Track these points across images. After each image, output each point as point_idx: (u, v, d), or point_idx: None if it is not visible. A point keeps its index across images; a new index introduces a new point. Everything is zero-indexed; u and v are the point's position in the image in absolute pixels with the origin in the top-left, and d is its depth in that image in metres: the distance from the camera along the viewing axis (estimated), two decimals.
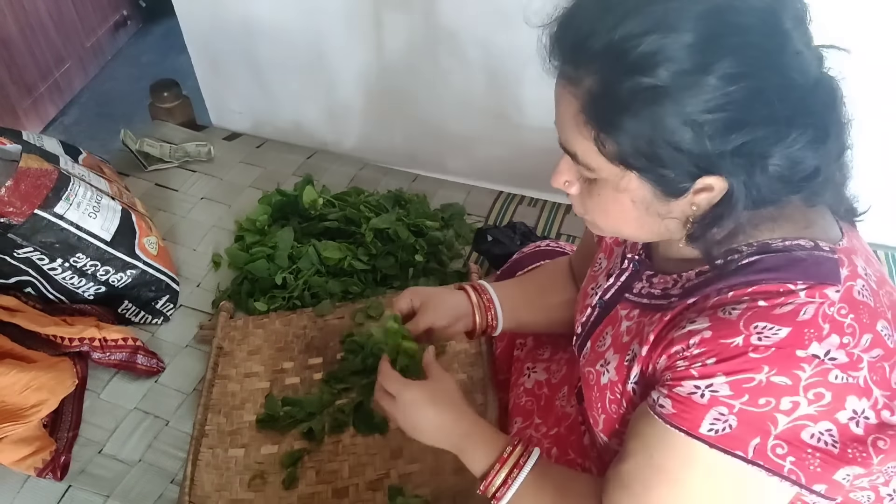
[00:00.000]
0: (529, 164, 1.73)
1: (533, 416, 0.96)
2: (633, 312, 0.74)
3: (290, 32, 1.66)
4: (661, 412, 0.63)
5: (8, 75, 2.31)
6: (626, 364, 0.71)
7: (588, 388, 0.77)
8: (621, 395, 0.71)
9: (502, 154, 1.73)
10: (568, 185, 0.69)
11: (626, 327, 0.74)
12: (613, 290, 0.78)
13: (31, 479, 1.09)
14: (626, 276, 0.77)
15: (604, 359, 0.75)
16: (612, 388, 0.72)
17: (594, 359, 0.76)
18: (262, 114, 1.87)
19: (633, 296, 0.75)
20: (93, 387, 1.23)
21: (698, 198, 0.61)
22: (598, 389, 0.74)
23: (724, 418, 0.59)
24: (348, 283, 1.34)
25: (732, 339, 0.59)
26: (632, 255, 0.77)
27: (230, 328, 1.31)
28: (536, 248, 1.18)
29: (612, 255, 0.83)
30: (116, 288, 1.31)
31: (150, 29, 3.02)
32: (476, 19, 1.50)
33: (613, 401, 0.73)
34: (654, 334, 0.67)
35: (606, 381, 0.73)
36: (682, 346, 0.62)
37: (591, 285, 0.84)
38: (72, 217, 1.22)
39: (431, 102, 1.71)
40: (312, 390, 1.18)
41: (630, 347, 0.71)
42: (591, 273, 0.86)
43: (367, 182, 1.66)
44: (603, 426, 0.75)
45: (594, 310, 0.80)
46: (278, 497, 1.04)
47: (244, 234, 1.48)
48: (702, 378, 0.60)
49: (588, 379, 0.77)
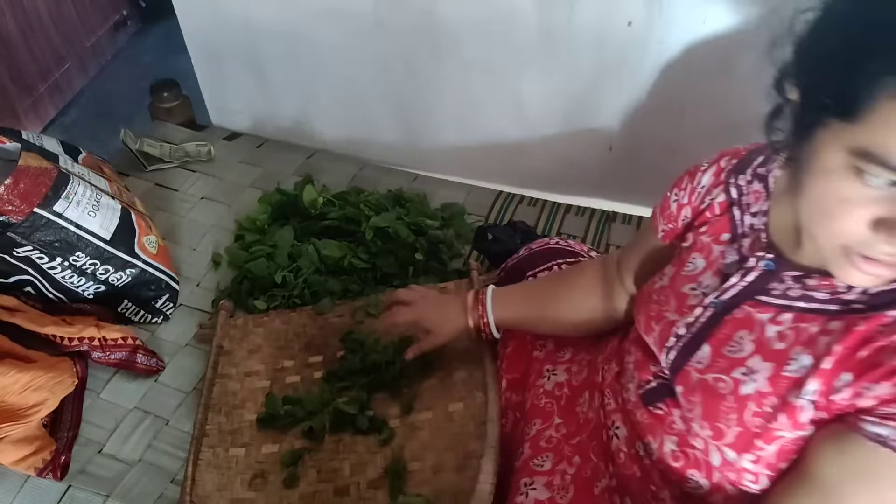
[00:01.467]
0: (529, 164, 1.74)
1: (552, 418, 0.95)
2: (782, 317, 0.67)
3: (291, 32, 1.66)
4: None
5: (8, 75, 2.31)
6: (787, 375, 0.64)
7: (715, 397, 0.69)
8: (774, 408, 0.64)
9: (502, 154, 1.73)
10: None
11: (775, 332, 0.67)
12: (737, 289, 0.71)
13: (31, 478, 1.09)
14: (754, 276, 0.70)
15: (745, 367, 0.68)
16: (758, 399, 0.66)
17: (726, 366, 0.69)
18: (262, 114, 1.86)
19: (777, 298, 0.68)
20: (93, 386, 1.23)
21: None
22: (736, 400, 0.67)
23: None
24: (348, 282, 1.34)
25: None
26: (762, 253, 0.70)
27: (230, 327, 1.31)
28: (546, 245, 1.17)
29: (711, 254, 0.78)
30: (116, 287, 1.31)
31: (150, 29, 3.02)
32: (476, 19, 1.50)
33: (760, 414, 0.66)
34: (842, 346, 0.61)
35: (751, 392, 0.66)
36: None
37: (691, 285, 0.78)
38: (71, 215, 1.22)
39: (431, 102, 1.71)
40: (313, 389, 1.18)
41: (790, 357, 0.65)
42: (686, 274, 0.79)
43: (367, 182, 1.66)
44: (734, 440, 0.68)
45: (706, 310, 0.74)
46: (279, 496, 1.04)
47: (244, 234, 1.48)
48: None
49: (715, 388, 0.69)
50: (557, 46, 1.48)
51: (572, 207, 1.61)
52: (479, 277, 1.29)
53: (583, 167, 1.68)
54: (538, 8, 1.44)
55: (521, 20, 1.47)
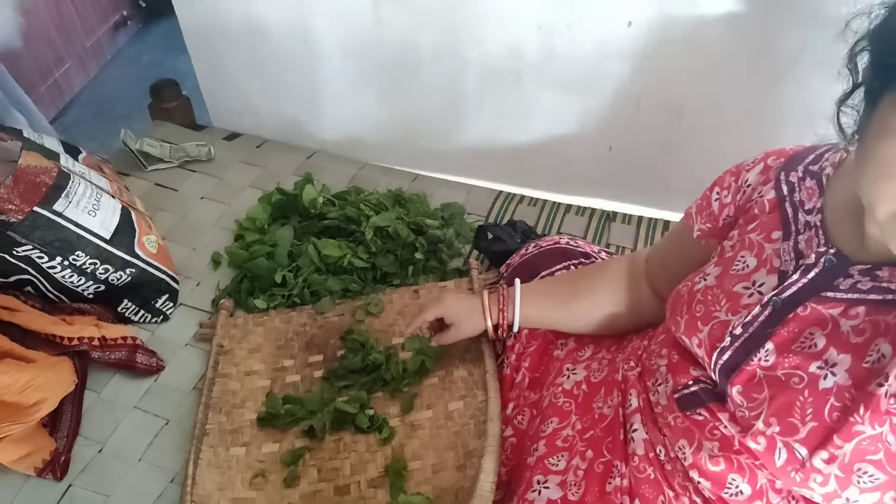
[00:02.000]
0: (529, 164, 1.74)
1: (570, 416, 0.94)
2: (855, 310, 0.67)
3: (291, 32, 1.66)
4: None
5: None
6: (867, 366, 0.64)
7: (790, 391, 0.69)
8: (857, 400, 0.64)
9: (502, 154, 1.73)
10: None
11: (850, 327, 0.67)
12: (797, 286, 0.71)
13: (31, 478, 1.09)
14: (815, 272, 0.70)
15: (823, 360, 0.67)
16: (839, 392, 0.66)
17: (799, 361, 0.69)
18: (262, 114, 1.87)
19: (846, 293, 0.68)
20: (93, 386, 1.23)
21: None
22: (813, 394, 0.67)
23: None
24: (348, 281, 1.34)
25: None
26: (823, 250, 0.70)
27: (230, 326, 1.31)
28: (556, 244, 1.17)
29: (763, 252, 0.78)
30: (116, 287, 1.31)
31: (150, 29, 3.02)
32: (476, 19, 1.50)
33: (838, 408, 0.65)
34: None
35: (831, 385, 0.66)
36: None
37: (742, 284, 0.77)
38: (71, 214, 1.21)
39: (431, 102, 1.71)
40: (313, 388, 1.18)
41: (870, 348, 0.65)
42: (736, 273, 0.78)
43: (367, 182, 1.66)
44: (806, 436, 0.67)
45: (765, 308, 0.73)
46: (280, 495, 1.04)
47: (244, 233, 1.48)
48: None
49: (787, 383, 0.69)
50: (557, 46, 1.49)
51: (572, 207, 1.61)
52: (479, 277, 1.29)
53: (583, 167, 1.69)
54: (538, 8, 1.44)
55: (521, 20, 1.47)
